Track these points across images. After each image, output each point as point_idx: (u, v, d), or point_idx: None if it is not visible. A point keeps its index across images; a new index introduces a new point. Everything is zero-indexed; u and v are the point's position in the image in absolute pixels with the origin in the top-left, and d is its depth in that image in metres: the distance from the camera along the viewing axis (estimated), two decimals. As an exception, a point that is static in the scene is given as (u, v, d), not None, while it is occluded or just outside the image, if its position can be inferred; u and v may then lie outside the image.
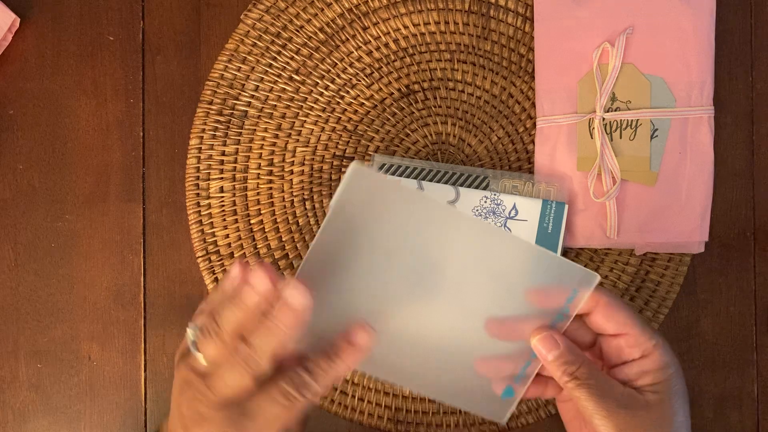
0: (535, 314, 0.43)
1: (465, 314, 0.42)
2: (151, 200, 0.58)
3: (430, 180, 0.55)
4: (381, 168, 0.56)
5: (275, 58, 0.58)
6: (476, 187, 0.56)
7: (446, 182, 0.55)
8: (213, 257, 0.57)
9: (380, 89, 0.58)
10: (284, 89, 0.58)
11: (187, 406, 0.40)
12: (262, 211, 0.57)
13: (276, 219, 0.57)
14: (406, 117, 0.58)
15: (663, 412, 0.44)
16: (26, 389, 0.58)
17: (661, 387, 0.44)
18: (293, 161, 0.57)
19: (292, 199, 0.57)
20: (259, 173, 0.57)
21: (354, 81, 0.58)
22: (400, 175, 0.56)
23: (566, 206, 0.55)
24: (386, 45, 0.58)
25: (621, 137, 0.55)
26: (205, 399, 0.39)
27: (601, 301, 0.43)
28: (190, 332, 0.40)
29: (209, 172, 0.57)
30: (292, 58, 0.58)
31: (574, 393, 0.43)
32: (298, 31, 0.58)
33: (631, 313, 0.44)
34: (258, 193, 0.57)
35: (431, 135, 0.58)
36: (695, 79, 0.54)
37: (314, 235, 0.56)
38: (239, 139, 0.57)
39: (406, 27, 0.58)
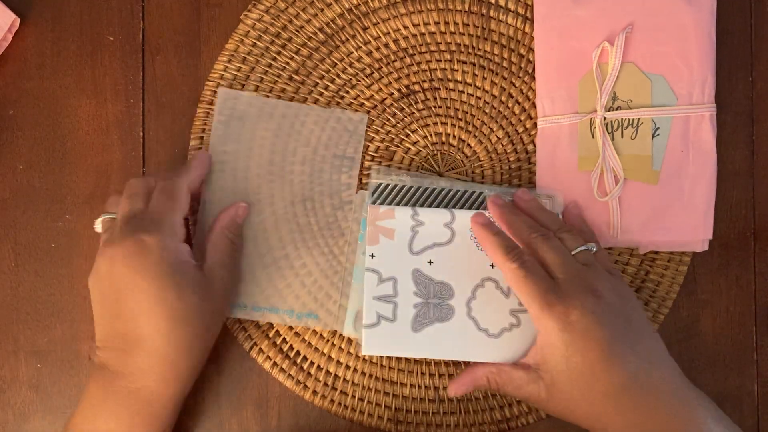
0: None
1: None
2: (151, 200, 0.58)
3: (426, 198, 0.55)
4: (376, 189, 0.56)
5: (275, 58, 0.58)
6: (474, 203, 0.56)
7: (444, 197, 0.55)
8: (213, 257, 0.57)
9: (380, 89, 0.58)
10: (284, 89, 0.58)
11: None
12: (262, 211, 0.57)
13: (276, 219, 0.57)
14: (406, 117, 0.58)
15: (559, 399, 0.46)
16: (26, 389, 0.58)
17: (545, 368, 0.46)
18: (293, 161, 0.57)
19: (292, 199, 0.57)
20: (259, 173, 0.57)
21: (354, 81, 0.58)
22: (396, 194, 0.56)
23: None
24: (386, 45, 0.58)
25: (622, 136, 0.55)
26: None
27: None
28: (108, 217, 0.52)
29: (209, 172, 0.57)
30: (292, 58, 0.58)
31: None
32: (297, 31, 0.58)
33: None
34: (258, 193, 0.57)
35: (431, 135, 0.58)
36: (696, 77, 0.54)
37: (314, 235, 0.56)
38: (239, 139, 0.57)
39: (406, 27, 0.58)
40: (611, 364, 0.44)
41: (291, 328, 0.57)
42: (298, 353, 0.57)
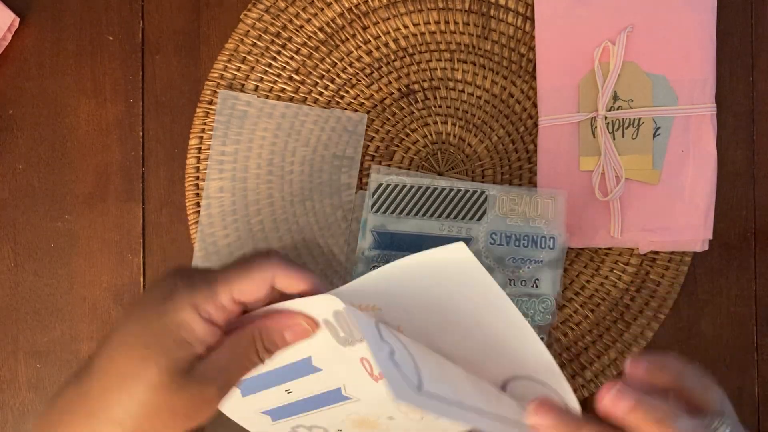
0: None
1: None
2: (150, 200, 0.58)
3: (428, 198, 0.55)
4: (376, 189, 0.55)
5: (275, 57, 0.58)
6: (475, 203, 0.55)
7: (444, 197, 0.55)
8: (213, 257, 0.57)
9: (380, 89, 0.58)
10: (284, 89, 0.58)
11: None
12: (262, 211, 0.57)
13: (276, 219, 0.57)
14: (406, 117, 0.57)
15: None
16: (25, 389, 0.57)
17: None
18: (293, 161, 0.57)
19: (292, 199, 0.57)
20: (259, 173, 0.57)
21: (354, 81, 0.58)
22: (396, 194, 0.55)
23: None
24: (386, 45, 0.58)
25: (623, 136, 0.55)
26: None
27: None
28: None
29: (208, 171, 0.57)
30: (291, 58, 0.58)
31: None
32: (297, 30, 0.58)
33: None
34: (258, 193, 0.57)
35: (431, 135, 0.57)
36: (697, 76, 0.54)
37: (314, 236, 0.56)
38: (239, 139, 0.57)
39: (405, 27, 0.57)
40: None
41: (291, 328, 0.57)
42: (297, 353, 0.57)
